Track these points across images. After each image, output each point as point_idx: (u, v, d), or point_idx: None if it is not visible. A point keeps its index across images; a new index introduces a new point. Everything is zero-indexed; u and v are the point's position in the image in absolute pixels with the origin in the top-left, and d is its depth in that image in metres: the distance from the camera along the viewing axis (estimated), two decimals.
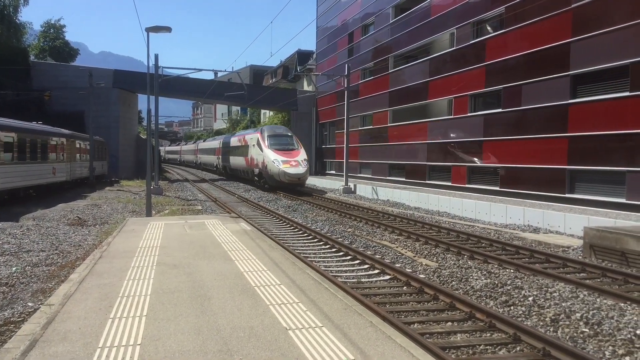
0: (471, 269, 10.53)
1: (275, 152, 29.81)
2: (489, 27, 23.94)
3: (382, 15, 34.14)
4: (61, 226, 15.66)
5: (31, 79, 40.74)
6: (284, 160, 29.05)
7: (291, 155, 29.67)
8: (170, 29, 20.11)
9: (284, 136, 32.12)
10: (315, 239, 14.17)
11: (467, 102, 24.59)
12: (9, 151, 20.33)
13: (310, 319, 5.82)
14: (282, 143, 31.00)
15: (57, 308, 6.23)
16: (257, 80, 75.71)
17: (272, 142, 30.87)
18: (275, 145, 30.59)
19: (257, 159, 31.76)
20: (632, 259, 10.87)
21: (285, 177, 28.47)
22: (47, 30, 56.58)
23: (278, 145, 30.64)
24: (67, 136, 28.91)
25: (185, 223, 14.33)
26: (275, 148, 30.23)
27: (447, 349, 6.23)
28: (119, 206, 21.72)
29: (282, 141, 31.28)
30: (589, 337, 6.71)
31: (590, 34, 17.67)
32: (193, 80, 46.01)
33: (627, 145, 16.43)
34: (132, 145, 47.23)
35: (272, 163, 29.30)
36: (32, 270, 9.89)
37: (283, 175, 28.45)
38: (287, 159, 29.10)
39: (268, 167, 29.71)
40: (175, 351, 4.85)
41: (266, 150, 30.27)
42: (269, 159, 29.68)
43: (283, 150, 30.02)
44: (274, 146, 30.46)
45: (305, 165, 29.33)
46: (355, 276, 10.12)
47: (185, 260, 9.11)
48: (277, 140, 31.21)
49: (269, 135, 31.62)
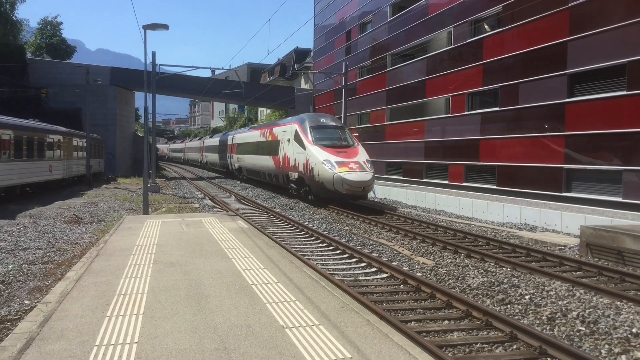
0: (468, 268, 10.55)
1: (325, 149, 21.72)
2: (486, 25, 23.95)
3: (379, 14, 34.12)
4: (58, 224, 15.62)
5: (28, 76, 40.63)
6: (338, 161, 20.85)
7: (347, 154, 21.62)
8: (168, 27, 20.06)
9: (334, 128, 23.81)
10: (313, 237, 14.16)
11: (464, 100, 24.60)
12: (5, 148, 20.28)
13: (308, 317, 5.83)
14: (333, 137, 22.96)
15: (54, 306, 6.22)
16: (255, 78, 75.67)
17: (318, 135, 22.79)
18: (322, 140, 22.55)
19: (296, 160, 23.51)
20: (629, 258, 10.91)
21: (344, 186, 20.09)
22: (44, 28, 56.42)
23: (327, 140, 22.61)
24: (64, 134, 28.83)
25: (183, 221, 14.32)
26: (324, 144, 22.14)
27: (444, 347, 6.24)
28: (116, 204, 21.69)
29: (331, 135, 23.19)
30: (586, 336, 6.74)
31: (587, 33, 17.70)
32: (190, 78, 45.95)
33: (624, 144, 16.47)
34: (129, 143, 47.18)
35: (322, 166, 20.89)
36: (29, 268, 9.86)
37: (340, 182, 20.11)
38: (342, 160, 21.00)
39: (315, 170, 21.32)
40: (172, 349, 4.85)
41: (311, 148, 22.10)
42: (317, 159, 21.34)
43: (335, 148, 22.00)
44: (321, 141, 22.38)
45: (370, 168, 21.22)
46: (352, 274, 10.13)
47: (182, 258, 9.10)
48: (325, 133, 23.20)
49: (313, 126, 23.25)
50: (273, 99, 46.00)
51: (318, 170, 21.10)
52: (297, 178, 23.71)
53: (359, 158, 21.49)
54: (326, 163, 20.81)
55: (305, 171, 22.44)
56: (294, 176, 24.12)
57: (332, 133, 23.29)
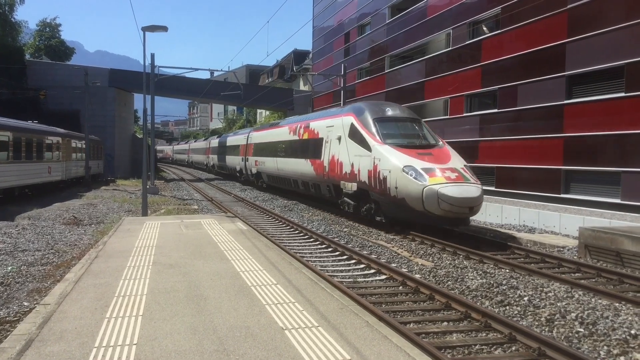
0: (467, 269, 10.56)
1: (401, 150, 15.20)
2: (485, 27, 24.00)
3: (378, 16, 34.17)
4: (57, 225, 15.61)
5: (27, 78, 40.65)
6: (426, 167, 14.30)
7: (435, 157, 15.03)
8: (167, 28, 20.08)
9: (409, 121, 17.22)
10: (312, 239, 14.17)
11: (462, 102, 24.63)
12: (4, 150, 20.28)
13: (307, 318, 5.83)
14: (409, 134, 16.43)
15: (53, 307, 6.22)
16: (254, 79, 75.72)
17: (387, 130, 16.27)
18: (395, 137, 16.03)
19: (354, 165, 16.77)
20: (627, 259, 10.93)
21: (441, 206, 13.52)
22: (42, 29, 56.44)
23: (401, 137, 16.12)
24: (63, 135, 28.81)
25: (182, 222, 14.31)
26: (397, 143, 15.62)
27: (443, 348, 6.25)
28: (115, 205, 21.67)
29: (406, 130, 16.61)
30: (584, 337, 6.75)
31: (586, 35, 17.74)
32: (189, 80, 46.00)
33: (623, 145, 16.50)
34: (128, 145, 47.18)
35: (401, 174, 14.38)
36: (28, 269, 9.86)
37: (434, 200, 13.55)
38: (432, 166, 14.40)
39: (391, 181, 14.69)
40: (172, 351, 4.84)
41: (381, 149, 15.50)
42: (393, 164, 14.76)
43: (414, 148, 15.42)
44: (392, 139, 15.85)
45: (475, 178, 14.83)
46: (351, 276, 10.14)
47: (182, 259, 9.10)
48: (397, 128, 16.60)
49: (378, 118, 16.67)
50: (272, 100, 46.02)
51: (395, 181, 14.33)
52: (355, 190, 16.67)
53: (453, 163, 14.84)
54: (409, 170, 14.07)
55: (372, 182, 15.49)
56: (349, 187, 17.00)
57: (407, 128, 16.52)
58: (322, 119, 20.77)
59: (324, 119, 20.52)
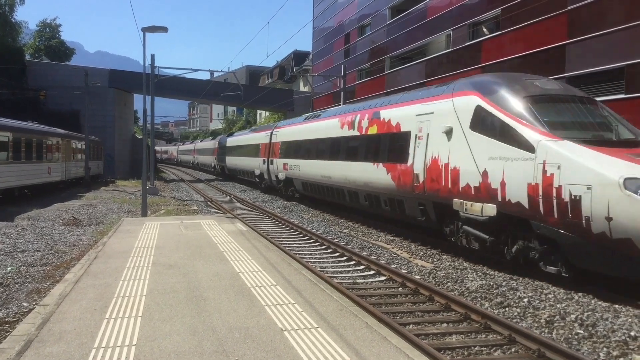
0: (466, 270, 10.55)
1: (599, 149, 8.57)
2: (485, 29, 24.02)
3: (378, 17, 34.20)
4: (56, 226, 15.60)
5: (27, 78, 40.70)
6: None
7: None
8: (167, 29, 20.09)
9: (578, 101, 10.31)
10: (311, 240, 14.16)
11: None
12: (3, 150, 20.28)
13: (306, 319, 5.83)
14: (591, 122, 9.73)
15: (52, 308, 6.21)
16: (254, 80, 75.81)
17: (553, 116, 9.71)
18: (573, 127, 9.44)
19: (491, 174, 10.05)
20: None
21: None
22: (42, 30, 56.48)
23: (580, 127, 9.51)
24: (63, 136, 28.81)
25: (181, 223, 14.31)
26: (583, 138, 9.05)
27: (443, 350, 6.24)
28: (115, 206, 21.66)
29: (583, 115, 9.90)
30: (584, 339, 6.74)
31: (586, 36, 17.75)
32: (189, 80, 46.05)
33: None
34: (127, 145, 47.20)
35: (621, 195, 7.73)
36: (27, 270, 9.85)
37: None
38: None
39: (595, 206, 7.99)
40: (171, 352, 4.84)
41: (558, 147, 8.83)
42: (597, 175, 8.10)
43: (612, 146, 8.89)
44: (572, 131, 9.28)
45: None
46: (350, 277, 10.13)
47: (181, 260, 9.10)
48: (568, 111, 10.00)
49: (534, 96, 10.11)
50: (272, 101, 46.05)
51: (606, 207, 7.93)
52: (492, 217, 10.14)
53: None
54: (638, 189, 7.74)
55: (538, 204, 9.04)
56: (477, 211, 10.48)
57: (584, 112, 10.05)
58: (405, 103, 14.17)
59: (409, 104, 13.93)
